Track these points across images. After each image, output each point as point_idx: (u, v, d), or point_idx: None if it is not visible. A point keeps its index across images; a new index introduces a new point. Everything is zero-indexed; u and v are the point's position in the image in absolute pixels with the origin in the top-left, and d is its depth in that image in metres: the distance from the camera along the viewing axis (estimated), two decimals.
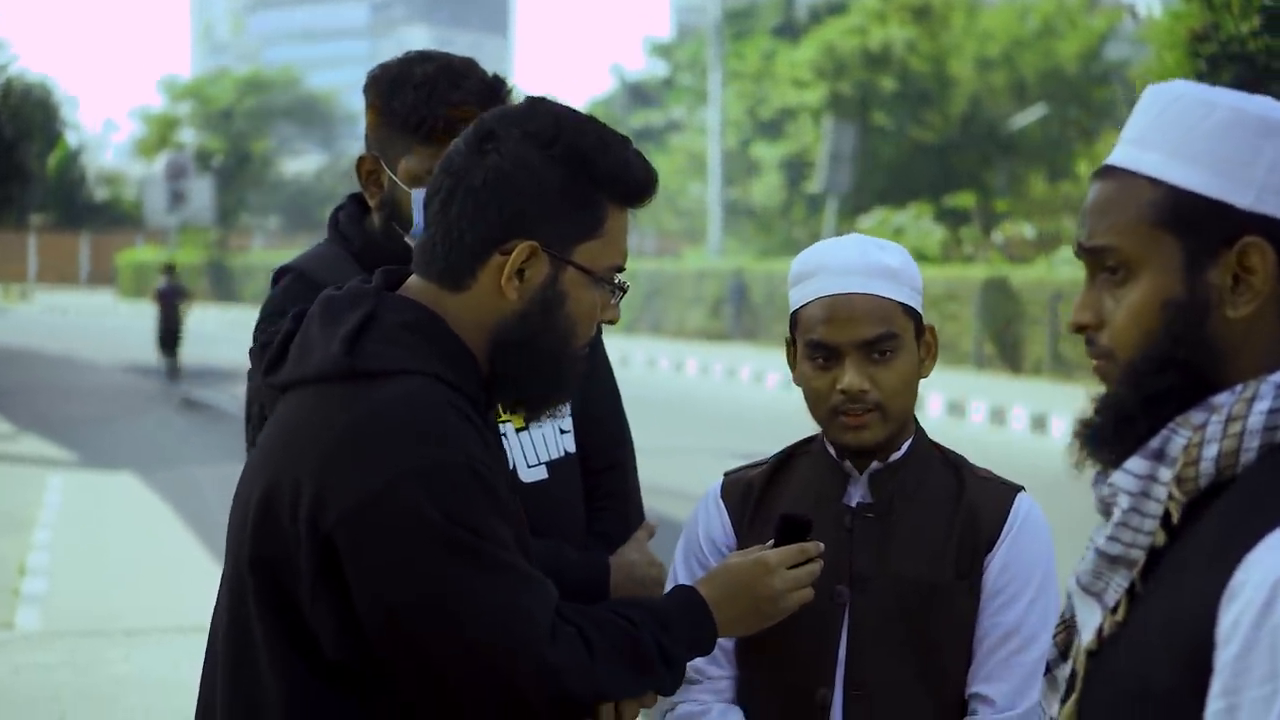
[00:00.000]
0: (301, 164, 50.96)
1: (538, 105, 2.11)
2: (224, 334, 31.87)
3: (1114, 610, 1.60)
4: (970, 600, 2.38)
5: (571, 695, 1.97)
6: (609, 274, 2.09)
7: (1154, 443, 1.58)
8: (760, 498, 2.51)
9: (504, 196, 2.02)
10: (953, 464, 2.49)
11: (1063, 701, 1.67)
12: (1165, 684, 1.48)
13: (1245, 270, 1.57)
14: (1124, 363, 1.62)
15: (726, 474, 2.59)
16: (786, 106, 38.88)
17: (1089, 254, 1.65)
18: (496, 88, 2.74)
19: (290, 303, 2.72)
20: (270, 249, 52.67)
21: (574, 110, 2.12)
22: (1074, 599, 1.68)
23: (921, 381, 2.47)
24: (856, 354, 2.38)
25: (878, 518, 2.42)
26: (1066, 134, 39.58)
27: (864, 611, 2.39)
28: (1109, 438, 1.62)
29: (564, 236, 2.04)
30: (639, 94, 59.26)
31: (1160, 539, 1.57)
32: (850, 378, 2.37)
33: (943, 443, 2.53)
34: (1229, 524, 1.49)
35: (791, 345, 2.48)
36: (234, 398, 21.98)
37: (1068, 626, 1.71)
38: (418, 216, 2.72)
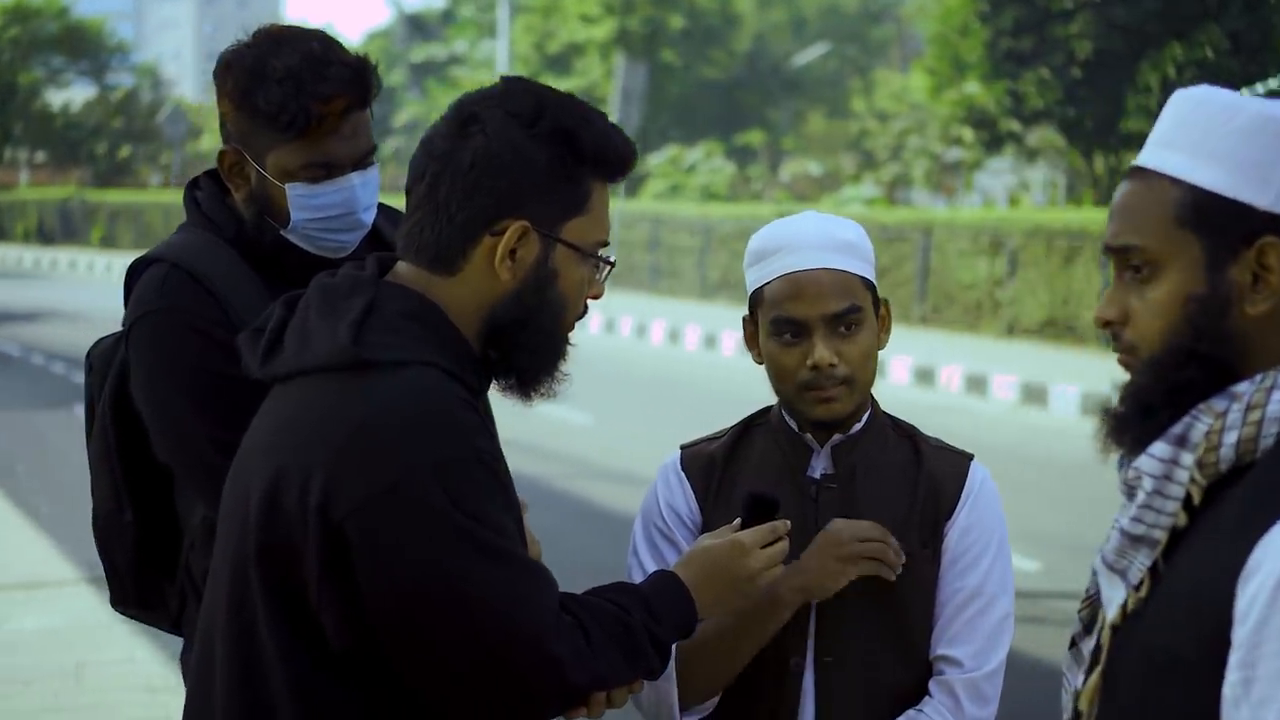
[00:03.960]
0: (69, 95, 49.02)
1: (515, 85, 2.12)
2: None
3: (1138, 587, 1.70)
4: (933, 567, 2.47)
5: (572, 685, 1.99)
6: (595, 249, 2.11)
7: (1176, 429, 1.67)
8: (723, 471, 2.55)
9: (493, 177, 2.03)
10: (907, 434, 2.56)
11: (1087, 674, 1.77)
12: (1189, 656, 1.59)
13: (1263, 269, 1.66)
14: (1148, 356, 1.71)
15: (683, 447, 2.63)
16: (574, 42, 38.71)
17: (1115, 253, 1.74)
18: (362, 70, 2.63)
19: (175, 298, 2.63)
20: (38, 184, 50.65)
21: (551, 88, 2.14)
22: (1099, 576, 1.77)
23: (714, 320, 2.50)
24: (824, 328, 2.43)
25: (841, 489, 2.48)
26: (844, 71, 40.26)
27: None
28: (1132, 425, 1.72)
29: (552, 215, 2.06)
30: (418, 26, 58.43)
31: (1182, 520, 1.67)
32: (820, 352, 2.42)
33: (746, 382, 2.58)
34: (1248, 506, 1.60)
35: (751, 323, 2.52)
36: (10, 339, 21.24)
37: (1092, 602, 1.80)
38: (296, 212, 2.64)
